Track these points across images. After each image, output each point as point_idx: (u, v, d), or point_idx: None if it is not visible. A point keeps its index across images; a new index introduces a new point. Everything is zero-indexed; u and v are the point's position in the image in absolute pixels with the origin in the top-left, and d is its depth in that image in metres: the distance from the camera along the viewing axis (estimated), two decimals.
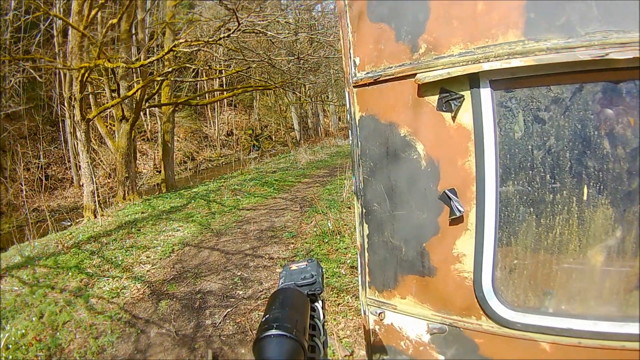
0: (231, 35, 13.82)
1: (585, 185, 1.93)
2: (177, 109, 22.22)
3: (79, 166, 18.36)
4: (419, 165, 2.31)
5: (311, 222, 11.62)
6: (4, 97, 21.74)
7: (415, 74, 2.18)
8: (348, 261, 8.41)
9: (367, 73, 2.41)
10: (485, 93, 2.05)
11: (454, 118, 2.15)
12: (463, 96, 2.10)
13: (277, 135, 43.46)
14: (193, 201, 15.61)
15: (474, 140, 2.11)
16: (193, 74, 25.74)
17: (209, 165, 35.54)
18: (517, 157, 2.08)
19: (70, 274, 9.13)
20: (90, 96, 19.75)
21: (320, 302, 1.77)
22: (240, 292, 8.04)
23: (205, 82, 28.57)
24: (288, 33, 17.41)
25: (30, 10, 21.52)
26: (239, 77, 21.17)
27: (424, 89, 2.20)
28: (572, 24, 1.82)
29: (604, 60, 1.72)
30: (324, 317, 1.71)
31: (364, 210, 2.60)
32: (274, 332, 1.31)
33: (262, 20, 14.23)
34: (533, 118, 2.02)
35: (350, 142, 2.60)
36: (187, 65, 18.21)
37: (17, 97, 24.49)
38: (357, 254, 2.71)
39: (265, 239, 10.76)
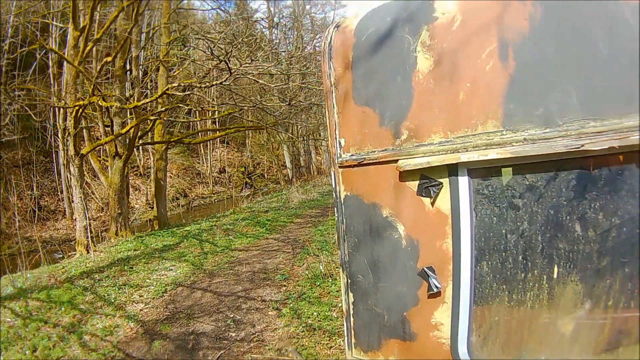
0: (224, 83, 14.10)
1: (556, 265, 2.06)
2: (169, 146, 22.33)
3: (72, 199, 18.36)
4: (399, 244, 2.47)
5: (303, 264, 11.64)
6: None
7: (397, 160, 2.35)
8: (339, 304, 8.34)
9: (352, 155, 2.57)
10: (463, 181, 2.21)
11: (432, 203, 2.32)
12: (442, 183, 2.26)
13: (269, 173, 43.52)
14: (185, 240, 15.50)
15: (451, 224, 2.27)
16: (186, 112, 25.87)
17: (202, 202, 35.54)
18: (492, 240, 2.22)
19: (63, 309, 9.05)
20: (84, 130, 19.80)
21: None
22: (233, 334, 8.01)
23: (198, 120, 28.70)
24: (280, 78, 17.63)
25: (27, 41, 21.76)
26: (231, 116, 21.26)
27: (405, 175, 2.36)
28: (551, 113, 1.96)
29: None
30: None
31: (349, 281, 2.76)
32: None
33: (254, 70, 14.42)
34: (508, 204, 2.16)
35: (336, 218, 2.75)
36: (180, 105, 18.33)
37: (12, 125, 24.50)
38: (343, 318, 2.89)
39: (258, 280, 10.75)
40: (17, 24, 22.96)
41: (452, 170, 2.23)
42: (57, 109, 17.61)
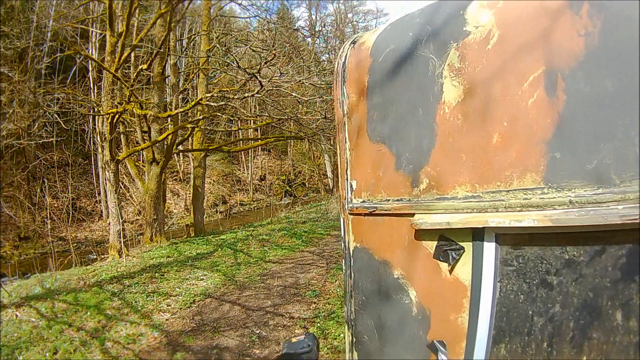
0: (256, 95, 13.95)
1: (585, 356, 1.66)
2: (209, 153, 22.31)
3: (108, 203, 18.53)
4: (410, 310, 2.10)
5: (335, 280, 11.37)
6: (38, 126, 22.15)
7: (414, 214, 1.95)
8: None
9: (364, 202, 2.20)
10: (489, 248, 1.80)
11: (451, 270, 1.92)
12: (463, 248, 1.86)
13: (310, 182, 43.49)
14: (220, 249, 15.38)
15: (469, 296, 1.88)
16: (227, 120, 25.90)
17: (241, 209, 35.62)
18: (515, 321, 1.81)
19: (89, 313, 8.98)
20: (122, 135, 20.00)
21: None
22: (257, 351, 7.77)
23: (237, 129, 28.71)
24: (317, 93, 17.43)
25: (65, 46, 22.05)
26: (272, 125, 21.19)
27: (422, 233, 1.97)
28: (606, 167, 1.51)
29: None
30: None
31: (353, 339, 2.42)
32: None
33: (286, 82, 14.23)
34: (540, 281, 1.73)
35: (344, 270, 2.42)
36: (218, 114, 18.27)
37: (50, 127, 25.00)
38: None
39: (288, 296, 10.51)
40: (56, 28, 23.29)
41: (477, 233, 1.81)
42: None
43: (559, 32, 1.61)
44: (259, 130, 33.68)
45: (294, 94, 15.35)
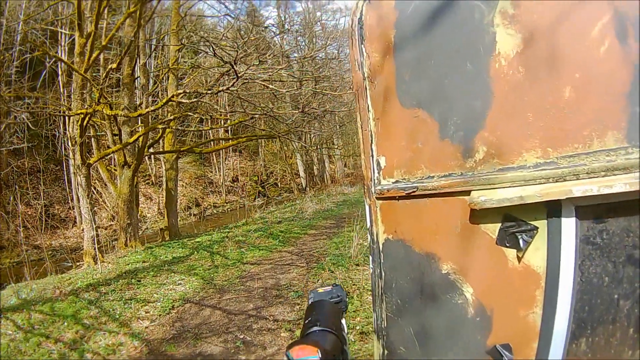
0: (230, 88, 13.70)
1: None
2: (180, 155, 22.12)
3: (81, 208, 18.26)
4: (464, 312, 1.72)
5: (318, 280, 11.11)
6: (8, 132, 21.80)
7: (469, 191, 1.59)
8: (358, 326, 7.85)
9: (397, 182, 1.79)
10: (569, 224, 1.47)
11: (520, 257, 1.57)
12: (537, 228, 1.51)
13: (282, 182, 43.60)
14: (196, 252, 15.16)
15: (544, 287, 1.54)
16: (198, 120, 25.79)
17: (214, 211, 35.56)
18: (598, 309, 1.51)
19: (66, 323, 8.73)
20: (93, 139, 19.70)
21: (344, 319, 1.89)
22: (243, 357, 7.56)
23: (209, 129, 28.58)
24: (291, 84, 17.35)
25: (34, 48, 21.76)
26: (243, 125, 21.07)
27: (481, 214, 1.59)
28: None
29: None
30: (347, 329, 1.84)
31: (385, 352, 1.99)
32: (317, 328, 1.59)
33: (262, 74, 14.08)
34: (626, 258, 1.44)
35: (371, 269, 1.99)
36: (189, 114, 18.07)
37: (21, 133, 24.67)
38: None
39: (270, 298, 10.28)
40: (25, 31, 23.00)
41: (553, 208, 1.48)
42: (67, 117, 17.46)
43: None
44: (229, 131, 33.49)
45: (270, 87, 15.13)
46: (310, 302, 1.93)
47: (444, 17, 1.62)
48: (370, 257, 1.96)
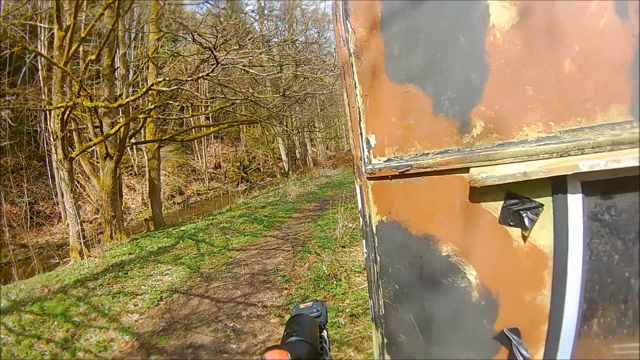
0: (210, 74, 13.58)
1: None
2: (162, 144, 21.97)
3: (65, 203, 18.11)
4: (468, 296, 1.66)
5: (305, 264, 11.15)
6: None
7: (468, 169, 1.52)
8: (347, 309, 7.89)
9: (389, 161, 1.72)
10: (575, 201, 1.41)
11: (525, 236, 1.51)
12: (542, 205, 1.46)
13: (265, 167, 43.59)
14: (181, 241, 15.13)
15: (552, 267, 1.49)
16: (179, 109, 25.66)
17: (198, 198, 35.50)
18: (609, 288, 1.46)
19: (56, 322, 8.67)
20: (74, 132, 19.52)
21: (325, 331, 1.97)
22: (234, 346, 7.53)
23: (190, 117, 28.48)
24: (272, 68, 17.30)
25: (14, 44, 21.43)
26: (225, 110, 21.00)
27: (482, 192, 1.53)
28: None
29: None
30: (329, 342, 1.93)
31: (385, 340, 1.93)
32: (293, 338, 1.65)
33: (243, 58, 13.95)
34: (636, 235, 1.39)
35: (365, 254, 1.92)
36: (170, 102, 17.93)
37: (4, 131, 24.46)
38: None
39: (258, 284, 10.27)
40: (5, 27, 22.67)
41: (558, 184, 1.43)
42: (47, 112, 17.29)
43: None
44: (210, 118, 33.34)
45: (250, 71, 15.03)
46: (292, 316, 1.98)
47: None
48: (364, 241, 1.87)
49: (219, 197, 29.89)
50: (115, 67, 18.90)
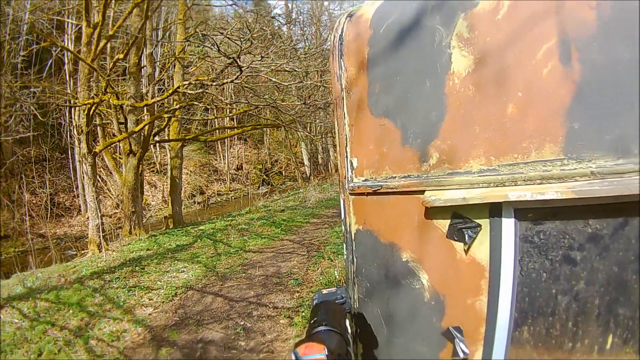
0: (234, 80, 13.80)
1: (611, 334, 1.62)
2: (185, 143, 22.12)
3: (86, 197, 18.31)
4: (421, 296, 1.97)
5: (317, 268, 11.34)
6: (14, 121, 21.82)
7: (424, 191, 1.83)
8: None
9: (366, 180, 2.05)
10: (508, 224, 1.69)
11: (466, 250, 1.80)
12: (480, 225, 1.75)
13: (287, 170, 43.46)
14: (199, 240, 15.27)
15: (488, 278, 1.77)
16: (203, 109, 25.78)
17: (218, 199, 35.54)
18: (537, 301, 1.72)
19: (71, 311, 8.83)
20: (98, 127, 19.73)
21: (348, 320, 1.94)
22: (243, 344, 7.71)
23: (214, 118, 28.58)
24: (295, 80, 17.37)
25: (41, 38, 21.75)
26: (248, 113, 21.15)
27: (433, 211, 1.84)
28: (626, 139, 1.48)
29: None
30: (351, 330, 1.95)
31: (358, 330, 2.26)
32: (323, 328, 1.64)
33: (266, 67, 14.12)
34: (563, 258, 1.65)
35: (345, 255, 2.25)
36: (195, 103, 18.09)
37: (27, 122, 24.74)
38: None
39: (271, 285, 10.44)
40: (32, 20, 22.96)
41: (494, 209, 1.71)
42: (72, 106, 17.52)
43: (569, 4, 1.56)
44: (235, 120, 33.47)
45: (273, 79, 15.22)
46: (315, 303, 2.06)
47: (410, 36, 1.86)
48: (344, 245, 2.22)
49: (239, 199, 29.88)
50: (142, 65, 19.16)
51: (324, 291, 2.13)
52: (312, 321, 1.74)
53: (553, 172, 1.58)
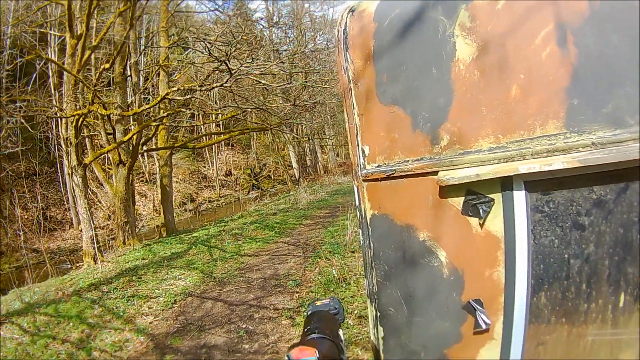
0: (224, 84, 13.82)
1: (623, 292, 1.75)
2: (174, 151, 22.09)
3: (78, 209, 18.28)
4: (440, 273, 2.07)
5: (315, 268, 11.36)
6: (2, 136, 21.71)
7: (437, 172, 1.94)
8: (355, 311, 8.08)
9: (379, 166, 2.13)
10: (520, 197, 1.82)
11: (482, 224, 1.91)
12: (493, 200, 1.86)
13: (276, 174, 43.45)
14: (194, 247, 15.28)
15: (504, 249, 1.89)
16: (189, 116, 25.74)
17: (209, 206, 35.48)
18: (552, 268, 1.85)
19: (71, 323, 8.84)
20: (87, 139, 19.68)
21: (341, 330, 2.03)
22: (247, 347, 7.75)
23: (201, 124, 28.53)
24: (282, 77, 17.44)
25: (25, 51, 21.65)
26: (235, 118, 21.16)
27: (447, 190, 1.95)
28: (621, 111, 1.63)
29: None
30: (343, 339, 1.98)
31: (378, 314, 2.33)
32: (315, 335, 1.70)
33: (254, 69, 14.17)
34: (572, 224, 1.78)
35: (362, 241, 2.32)
36: (182, 110, 18.10)
37: (15, 137, 24.48)
38: (372, 354, 2.52)
39: (269, 288, 10.49)
40: (16, 34, 22.85)
41: (506, 183, 1.83)
42: (60, 119, 17.47)
43: None
44: (221, 125, 33.41)
45: (262, 82, 15.29)
46: (309, 313, 2.15)
47: (414, 28, 1.97)
48: (360, 231, 2.29)
49: (230, 204, 29.88)
50: (128, 74, 19.09)
51: (318, 303, 2.22)
52: (306, 329, 1.82)
53: (557, 145, 1.71)
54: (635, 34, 1.60)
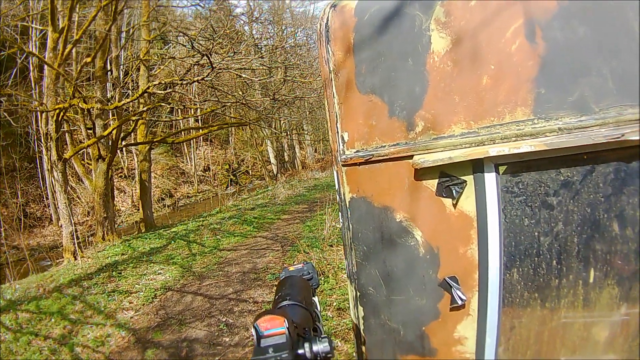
0: (205, 78, 13.84)
1: (592, 268, 1.86)
2: (153, 146, 22.05)
3: (57, 204, 18.15)
4: (417, 252, 2.18)
5: (294, 262, 11.30)
6: None
7: (412, 156, 2.05)
8: (334, 303, 8.21)
9: (357, 151, 2.24)
10: (490, 178, 1.93)
11: (455, 204, 2.03)
12: (465, 181, 1.99)
13: (254, 169, 43.31)
14: (173, 242, 15.32)
15: (476, 227, 2.01)
16: (168, 111, 25.62)
17: (188, 201, 35.34)
18: (523, 245, 1.96)
19: (53, 320, 8.87)
20: (67, 134, 19.51)
21: (316, 296, 2.06)
22: (227, 339, 7.83)
23: (180, 119, 28.39)
24: (262, 72, 17.46)
25: (6, 44, 21.39)
26: (214, 113, 21.10)
27: (422, 173, 2.07)
28: (586, 99, 1.74)
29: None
30: (319, 307, 1.98)
31: (358, 294, 2.42)
32: (287, 302, 1.66)
33: (235, 63, 14.19)
34: (541, 204, 1.91)
35: (341, 223, 2.43)
36: (162, 104, 18.06)
37: None
38: (352, 334, 2.61)
39: (249, 281, 10.56)
40: None
41: (477, 166, 1.95)
42: (39, 113, 17.33)
43: None
44: (199, 120, 33.29)
45: (243, 76, 15.31)
46: (281, 279, 2.11)
47: (392, 23, 2.08)
48: (340, 214, 2.41)
49: (208, 200, 29.86)
50: (108, 69, 19.03)
51: (291, 268, 2.22)
52: (277, 296, 1.77)
53: (525, 130, 1.83)
54: (602, 26, 1.71)
